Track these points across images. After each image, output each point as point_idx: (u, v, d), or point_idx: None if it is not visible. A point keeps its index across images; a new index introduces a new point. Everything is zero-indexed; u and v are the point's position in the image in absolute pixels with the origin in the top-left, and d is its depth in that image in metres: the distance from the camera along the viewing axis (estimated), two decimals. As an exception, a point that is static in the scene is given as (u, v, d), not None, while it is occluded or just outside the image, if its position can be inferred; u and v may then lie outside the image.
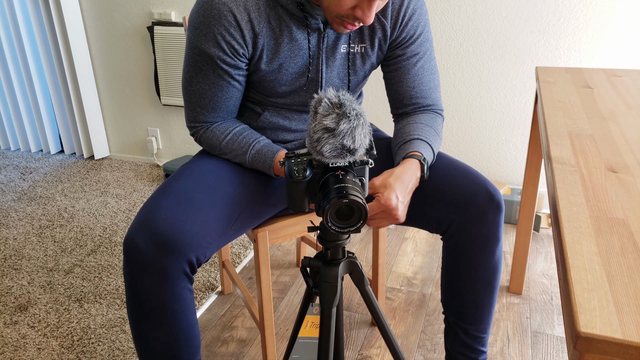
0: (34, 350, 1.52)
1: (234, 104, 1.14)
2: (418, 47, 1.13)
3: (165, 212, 0.98)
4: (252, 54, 1.06)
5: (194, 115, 1.14)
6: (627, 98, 1.24)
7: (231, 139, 1.13)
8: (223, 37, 1.01)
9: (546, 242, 2.07)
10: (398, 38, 1.11)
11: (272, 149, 1.10)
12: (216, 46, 1.02)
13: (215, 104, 1.11)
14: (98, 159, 3.05)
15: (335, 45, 1.09)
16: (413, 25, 1.11)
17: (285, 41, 1.05)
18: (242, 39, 1.02)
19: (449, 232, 1.07)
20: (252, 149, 1.11)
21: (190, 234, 0.97)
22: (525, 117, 2.20)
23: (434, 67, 1.16)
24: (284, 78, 1.10)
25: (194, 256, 0.98)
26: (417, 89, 1.15)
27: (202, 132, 1.16)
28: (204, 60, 1.05)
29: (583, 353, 0.52)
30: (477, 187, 1.03)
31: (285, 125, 1.18)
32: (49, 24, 2.76)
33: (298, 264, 1.95)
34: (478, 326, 1.14)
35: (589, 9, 1.97)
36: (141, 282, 0.96)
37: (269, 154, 1.09)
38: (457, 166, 1.10)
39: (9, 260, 2.00)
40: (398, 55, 1.13)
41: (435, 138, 1.11)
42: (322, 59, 1.09)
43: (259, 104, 1.18)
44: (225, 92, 1.10)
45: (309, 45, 1.07)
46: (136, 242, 0.95)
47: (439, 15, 2.17)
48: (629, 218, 0.71)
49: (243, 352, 1.52)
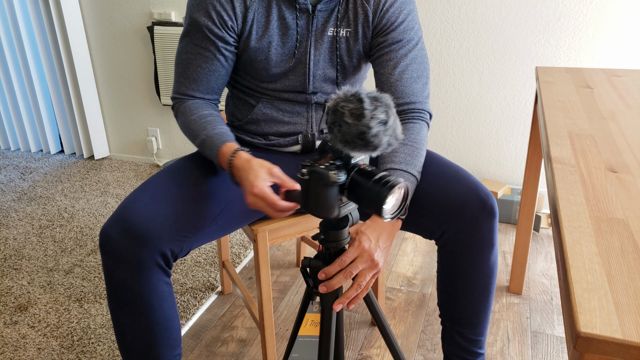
0: (34, 350, 1.52)
1: (216, 81, 1.14)
2: (401, 34, 1.10)
3: (140, 205, 1.00)
4: (241, 29, 1.09)
5: (177, 86, 1.15)
6: (627, 98, 1.24)
7: (195, 119, 1.10)
8: (214, 7, 1.06)
9: (546, 242, 2.07)
10: (379, 24, 1.11)
11: (222, 138, 1.04)
12: (206, 16, 1.07)
13: (197, 75, 1.12)
14: (98, 159, 3.05)
15: (324, 28, 1.11)
16: (395, 12, 1.10)
17: (274, 18, 1.09)
18: (232, 11, 1.07)
19: (442, 239, 1.06)
20: (205, 133, 1.06)
21: (162, 225, 0.98)
22: (525, 117, 2.20)
23: (421, 58, 1.12)
24: (273, 58, 1.11)
25: (167, 249, 0.99)
26: (401, 82, 1.10)
27: (179, 105, 1.15)
28: (194, 30, 1.09)
29: (583, 353, 0.52)
30: (469, 193, 1.02)
31: (279, 117, 1.19)
32: (49, 24, 2.76)
33: (298, 264, 1.95)
34: (474, 330, 1.14)
35: (589, 9, 1.97)
36: (116, 273, 0.98)
37: (217, 142, 1.03)
38: (448, 171, 1.07)
39: (9, 260, 2.00)
40: (380, 42, 1.11)
41: (417, 159, 1.05)
42: (310, 41, 1.11)
43: (253, 95, 1.20)
44: (210, 64, 1.11)
45: (297, 26, 1.09)
46: (110, 234, 0.97)
47: (439, 15, 2.17)
48: (629, 218, 0.71)
49: (243, 352, 1.52)
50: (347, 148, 0.76)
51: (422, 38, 1.14)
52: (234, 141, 1.04)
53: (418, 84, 1.12)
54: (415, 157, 1.04)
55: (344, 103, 0.74)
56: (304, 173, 0.80)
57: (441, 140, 2.37)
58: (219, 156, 1.02)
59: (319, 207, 0.81)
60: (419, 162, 1.05)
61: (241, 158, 0.97)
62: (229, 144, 1.02)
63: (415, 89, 1.11)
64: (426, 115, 1.13)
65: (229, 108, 1.30)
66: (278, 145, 1.23)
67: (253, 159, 0.96)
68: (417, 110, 1.12)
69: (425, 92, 1.13)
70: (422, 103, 1.12)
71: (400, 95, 1.11)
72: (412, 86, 1.11)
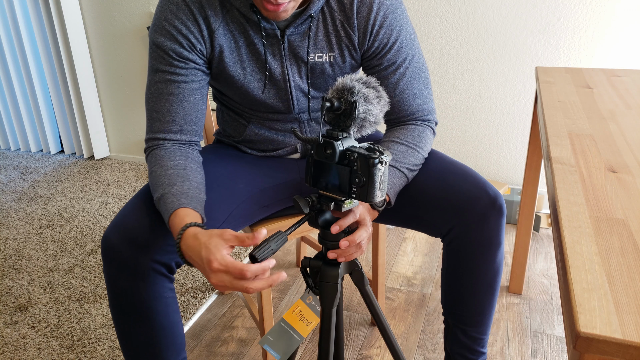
0: (34, 350, 1.52)
1: (192, 108, 1.04)
2: (395, 55, 1.05)
3: (141, 212, 0.98)
4: (210, 54, 1.03)
5: (150, 126, 1.04)
6: (627, 98, 1.24)
7: (156, 170, 0.99)
8: (179, 31, 0.99)
9: (546, 242, 2.07)
10: (371, 49, 1.05)
11: (177, 200, 0.92)
12: (172, 40, 1.00)
13: (171, 104, 1.02)
14: (98, 159, 3.05)
15: (298, 53, 1.05)
16: (386, 34, 1.03)
17: (244, 44, 1.04)
18: (199, 34, 1.00)
19: (449, 236, 1.06)
20: (162, 190, 0.95)
21: (162, 234, 0.96)
22: (525, 117, 2.20)
23: (420, 70, 1.09)
24: (250, 85, 1.07)
25: (168, 257, 0.97)
26: (403, 102, 1.09)
27: (149, 153, 1.04)
28: (160, 57, 1.01)
29: (583, 353, 0.52)
30: (478, 190, 1.02)
31: (271, 137, 1.17)
32: (49, 24, 2.76)
33: (298, 264, 1.95)
34: (478, 328, 1.14)
35: (589, 9, 1.97)
36: (119, 280, 0.97)
37: (170, 206, 0.92)
38: (455, 168, 1.08)
39: (9, 260, 2.00)
40: (375, 65, 1.07)
41: (409, 157, 1.05)
42: (286, 67, 1.06)
43: (242, 115, 1.17)
44: (182, 90, 1.02)
45: (264, 50, 1.04)
46: (112, 241, 0.96)
47: (439, 15, 2.17)
48: (629, 218, 0.71)
49: (243, 352, 1.52)
50: (372, 127, 0.82)
51: (418, 45, 1.09)
52: (191, 205, 0.92)
53: (420, 99, 1.10)
54: (408, 155, 1.04)
55: (365, 91, 0.79)
56: (385, 161, 0.79)
57: (441, 140, 2.37)
58: (169, 224, 0.91)
59: (383, 187, 0.82)
60: (411, 160, 1.04)
61: (189, 237, 0.84)
62: (181, 211, 0.89)
63: (419, 103, 1.10)
64: (432, 123, 1.12)
65: (219, 121, 1.27)
66: (277, 156, 1.22)
67: (200, 232, 0.83)
68: (423, 119, 1.12)
69: (429, 104, 1.11)
70: (428, 115, 1.12)
71: (405, 113, 1.10)
72: (415, 102, 1.10)
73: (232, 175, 1.14)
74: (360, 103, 0.78)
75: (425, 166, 1.10)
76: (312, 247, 1.74)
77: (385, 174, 0.81)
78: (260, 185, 1.16)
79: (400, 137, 1.07)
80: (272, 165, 1.21)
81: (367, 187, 0.80)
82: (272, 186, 1.17)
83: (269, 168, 1.20)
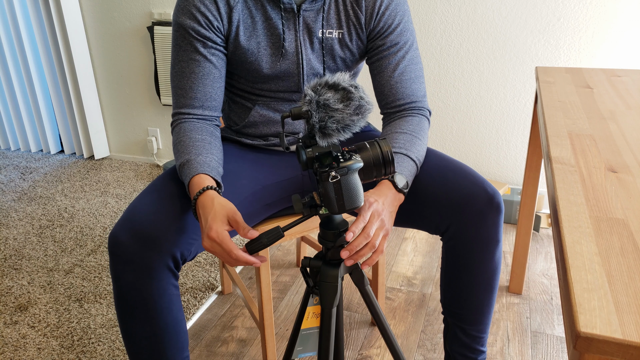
0: (34, 350, 1.52)
1: (212, 86, 1.11)
2: (398, 37, 1.13)
3: (149, 207, 0.99)
4: (227, 29, 1.09)
5: (176, 101, 1.12)
6: (627, 98, 1.24)
7: (184, 140, 1.07)
8: (198, 9, 1.06)
9: (546, 242, 2.07)
10: (376, 28, 1.12)
11: (201, 167, 1.01)
12: (191, 18, 1.07)
13: (193, 82, 1.10)
14: (98, 159, 3.05)
15: (311, 28, 1.12)
16: (391, 15, 1.11)
17: (260, 19, 1.10)
18: (216, 12, 1.07)
19: (448, 234, 1.07)
20: (187, 157, 1.03)
21: (171, 229, 0.97)
22: (525, 117, 2.20)
23: (417, 58, 1.16)
24: (263, 59, 1.12)
25: (177, 252, 0.98)
26: (401, 84, 1.14)
27: (175, 125, 1.12)
28: (182, 36, 1.09)
29: (583, 353, 0.52)
30: (476, 188, 1.03)
31: (276, 118, 1.20)
32: (49, 24, 2.76)
33: (298, 264, 1.95)
34: (477, 326, 1.15)
35: (589, 9, 1.97)
36: (125, 277, 0.97)
37: (193, 170, 1.00)
38: (454, 166, 1.09)
39: (9, 260, 2.00)
40: (378, 45, 1.13)
41: (416, 146, 1.07)
42: (300, 41, 1.12)
43: (249, 99, 1.20)
44: (202, 69, 1.09)
45: (283, 26, 1.10)
46: (119, 238, 0.96)
47: (439, 15, 2.17)
48: (629, 218, 0.71)
49: (243, 352, 1.52)
50: (340, 134, 0.81)
51: (416, 38, 1.16)
52: (212, 174, 1.00)
53: (416, 84, 1.15)
54: (414, 144, 1.07)
55: (323, 97, 0.78)
56: (333, 175, 0.81)
57: (441, 140, 2.37)
58: (189, 185, 0.98)
59: (358, 196, 0.83)
60: (417, 149, 1.07)
61: (207, 196, 0.93)
62: (203, 176, 0.98)
63: (415, 89, 1.15)
64: (426, 112, 1.16)
65: (225, 112, 1.30)
66: (279, 145, 1.23)
67: (217, 198, 0.93)
68: (418, 107, 1.15)
69: (422, 91, 1.17)
70: (422, 102, 1.16)
71: (401, 96, 1.14)
72: (411, 87, 1.14)
73: (235, 172, 1.15)
74: (313, 112, 0.79)
75: (423, 164, 1.12)
76: (312, 247, 1.74)
77: (348, 184, 0.81)
78: (263, 182, 1.16)
79: (402, 128, 1.10)
80: (275, 162, 1.22)
81: (325, 198, 0.82)
82: (274, 183, 1.18)
83: (271, 165, 1.21)
